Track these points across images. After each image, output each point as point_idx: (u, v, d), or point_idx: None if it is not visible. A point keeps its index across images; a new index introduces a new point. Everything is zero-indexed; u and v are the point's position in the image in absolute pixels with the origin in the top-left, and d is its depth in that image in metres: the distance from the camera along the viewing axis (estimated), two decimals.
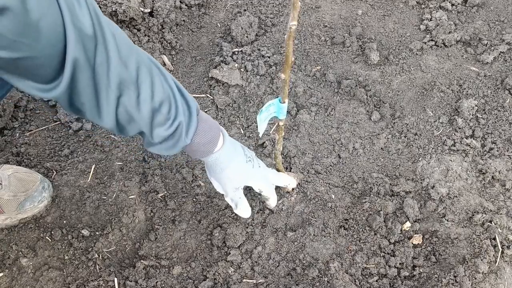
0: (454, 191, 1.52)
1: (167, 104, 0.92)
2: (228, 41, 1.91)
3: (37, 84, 0.75)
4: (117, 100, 0.84)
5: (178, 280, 1.36)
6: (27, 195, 1.37)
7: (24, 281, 1.33)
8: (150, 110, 0.89)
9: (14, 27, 0.61)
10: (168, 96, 0.92)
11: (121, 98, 0.84)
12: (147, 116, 0.89)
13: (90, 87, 0.79)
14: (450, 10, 2.00)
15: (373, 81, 1.80)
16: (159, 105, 0.90)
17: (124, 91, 0.84)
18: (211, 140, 1.06)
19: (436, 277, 1.36)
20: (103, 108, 0.84)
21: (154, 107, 0.89)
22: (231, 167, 1.13)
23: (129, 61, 0.84)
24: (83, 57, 0.75)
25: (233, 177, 1.16)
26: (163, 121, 0.92)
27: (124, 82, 0.83)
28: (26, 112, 1.66)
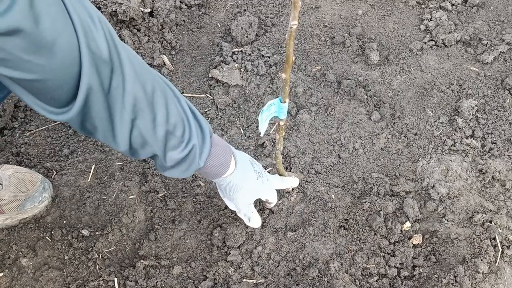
0: (454, 191, 1.52)
1: (181, 127, 0.91)
2: (228, 41, 1.91)
3: (49, 106, 0.75)
4: (132, 123, 0.83)
5: (178, 280, 1.37)
6: (27, 195, 1.37)
7: (24, 281, 1.33)
8: (165, 133, 0.88)
9: (27, 47, 0.60)
10: (182, 119, 0.91)
11: (136, 121, 0.83)
12: (161, 139, 0.89)
13: (104, 110, 0.78)
14: (450, 10, 2.00)
15: (373, 81, 1.80)
16: (173, 128, 0.90)
17: (139, 113, 0.83)
18: (223, 163, 1.07)
19: (436, 277, 1.36)
20: (117, 131, 0.83)
21: (168, 130, 0.89)
22: (245, 187, 1.16)
23: (144, 84, 0.83)
24: (98, 82, 0.74)
25: (247, 196, 1.20)
26: (177, 144, 0.92)
27: (139, 104, 0.82)
28: (26, 112, 1.66)
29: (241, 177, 1.14)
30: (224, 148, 1.07)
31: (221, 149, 1.05)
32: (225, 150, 1.07)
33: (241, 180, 1.14)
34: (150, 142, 0.88)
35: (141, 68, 0.83)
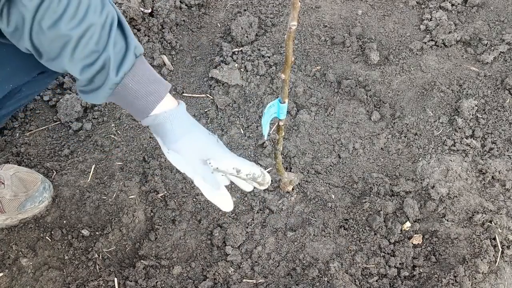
0: (454, 191, 1.52)
1: (98, 33, 0.77)
2: (228, 41, 1.91)
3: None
4: (36, 10, 0.72)
5: (178, 280, 1.37)
6: (28, 195, 1.37)
7: (24, 281, 1.33)
8: (73, 34, 0.75)
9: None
10: (102, 24, 0.78)
11: (40, 7, 0.72)
12: (68, 41, 0.76)
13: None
14: (450, 10, 2.00)
15: (373, 81, 1.80)
16: (85, 30, 0.76)
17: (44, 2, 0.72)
18: (153, 93, 0.87)
19: (436, 277, 1.36)
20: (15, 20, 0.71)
21: (79, 33, 0.76)
22: (193, 132, 0.92)
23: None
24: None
25: (196, 145, 0.92)
26: (88, 53, 0.78)
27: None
28: (26, 112, 1.66)
29: (185, 120, 0.92)
30: (159, 79, 0.89)
31: (154, 77, 0.88)
32: (160, 81, 0.89)
33: (185, 123, 0.92)
34: (53, 39, 0.75)
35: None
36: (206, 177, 0.94)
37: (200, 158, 0.93)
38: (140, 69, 0.85)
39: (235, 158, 0.97)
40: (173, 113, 0.90)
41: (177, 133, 0.90)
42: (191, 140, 0.92)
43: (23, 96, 1.13)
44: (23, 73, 1.03)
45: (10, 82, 1.02)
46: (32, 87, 1.13)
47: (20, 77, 1.03)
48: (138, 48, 0.86)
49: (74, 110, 1.65)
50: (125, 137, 1.63)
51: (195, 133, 0.93)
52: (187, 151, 0.92)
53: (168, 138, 0.91)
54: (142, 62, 0.86)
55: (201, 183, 0.95)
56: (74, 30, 0.76)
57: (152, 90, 0.87)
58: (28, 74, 1.05)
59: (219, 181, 0.96)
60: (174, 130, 0.90)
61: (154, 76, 0.88)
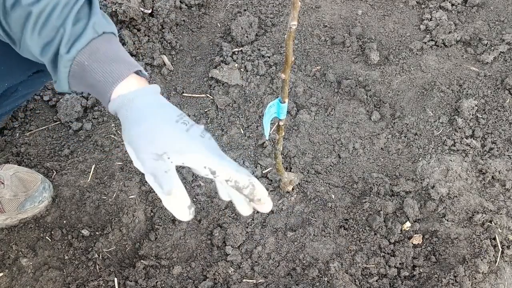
0: (454, 191, 1.52)
1: (59, 9, 0.72)
2: (228, 41, 1.91)
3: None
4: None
5: (178, 280, 1.37)
6: (27, 195, 1.37)
7: (24, 281, 1.33)
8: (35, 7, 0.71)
9: None
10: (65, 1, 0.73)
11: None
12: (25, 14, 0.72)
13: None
14: (450, 10, 2.00)
15: (373, 81, 1.80)
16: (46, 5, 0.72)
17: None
18: (112, 72, 0.74)
19: (436, 277, 1.36)
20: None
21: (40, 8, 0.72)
22: (150, 121, 0.73)
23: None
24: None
25: (151, 137, 0.72)
26: (49, 29, 0.73)
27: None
28: (26, 112, 1.66)
29: (147, 106, 0.75)
30: (123, 59, 0.77)
31: (117, 57, 0.76)
32: (124, 60, 0.77)
33: (146, 110, 0.74)
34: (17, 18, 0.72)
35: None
36: (156, 175, 0.71)
37: (154, 151, 0.72)
38: (100, 47, 0.75)
39: (210, 156, 0.73)
40: (131, 96, 0.74)
41: (131, 121, 0.73)
42: (146, 129, 0.72)
43: (20, 95, 1.12)
44: (19, 72, 1.03)
45: (6, 81, 1.02)
46: (28, 87, 1.12)
47: (15, 76, 1.03)
48: (100, 25, 0.75)
49: (74, 110, 1.65)
50: None
51: (155, 120, 0.73)
52: (138, 143, 0.73)
53: (123, 127, 0.75)
54: (107, 41, 0.76)
55: (151, 182, 0.72)
56: (34, 5, 0.72)
57: (112, 69, 0.74)
58: (23, 73, 1.04)
59: (173, 182, 0.71)
60: (129, 117, 0.74)
61: (118, 55, 0.77)
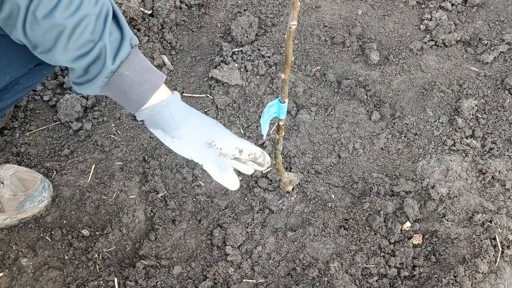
0: (454, 191, 1.52)
1: (93, 23, 0.78)
2: (228, 41, 1.91)
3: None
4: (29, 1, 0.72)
5: (178, 280, 1.37)
6: (27, 194, 1.37)
7: (24, 281, 1.33)
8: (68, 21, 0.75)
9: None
10: (97, 13, 0.79)
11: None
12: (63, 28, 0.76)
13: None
14: (450, 10, 2.00)
15: (373, 81, 1.80)
16: (81, 20, 0.76)
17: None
18: (149, 81, 0.86)
19: (436, 277, 1.36)
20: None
21: (74, 22, 0.76)
22: (193, 116, 0.92)
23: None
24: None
25: (199, 129, 0.92)
26: (84, 43, 0.78)
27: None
28: (26, 112, 1.66)
29: (182, 106, 0.92)
30: (154, 69, 0.89)
31: (149, 67, 0.88)
32: (155, 71, 0.89)
33: (183, 109, 0.91)
34: (47, 29, 0.75)
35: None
36: (214, 159, 0.93)
37: (205, 141, 0.92)
38: (135, 59, 0.85)
39: (236, 139, 0.97)
40: (170, 101, 0.89)
41: (177, 120, 0.89)
42: (193, 124, 0.91)
43: (21, 88, 1.13)
44: (20, 65, 1.03)
45: (7, 74, 1.02)
46: (30, 79, 1.12)
47: (17, 69, 1.03)
48: (134, 38, 0.86)
49: (74, 110, 1.65)
50: (125, 137, 1.63)
51: (195, 117, 0.92)
52: (191, 136, 0.91)
53: (170, 126, 0.90)
54: (137, 53, 0.87)
55: (210, 166, 0.94)
56: (68, 20, 0.76)
57: (148, 79, 0.86)
58: (24, 66, 1.05)
59: (227, 163, 0.96)
60: (174, 117, 0.89)
61: (149, 66, 0.88)
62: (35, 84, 1.19)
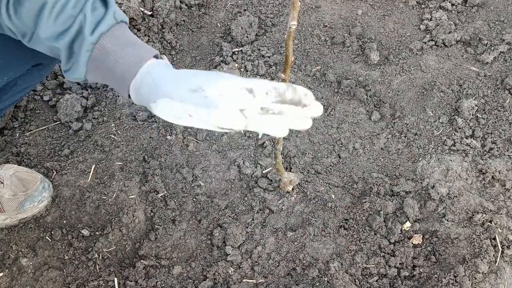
0: (454, 191, 1.52)
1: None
2: (228, 41, 1.91)
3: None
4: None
5: (178, 280, 1.37)
6: (27, 194, 1.37)
7: (24, 281, 1.33)
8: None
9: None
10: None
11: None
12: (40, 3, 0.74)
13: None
14: (450, 10, 2.00)
15: (373, 81, 1.80)
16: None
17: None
18: (135, 54, 0.77)
19: (436, 277, 1.36)
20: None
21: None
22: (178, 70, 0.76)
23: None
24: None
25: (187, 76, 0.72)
26: (66, 18, 0.75)
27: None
28: (26, 112, 1.66)
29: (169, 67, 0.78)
30: (142, 44, 0.79)
31: (135, 41, 0.79)
32: (144, 46, 0.79)
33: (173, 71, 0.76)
34: (30, 8, 0.74)
35: None
36: (198, 102, 0.68)
37: (188, 87, 0.69)
38: (119, 32, 0.78)
39: (242, 78, 0.69)
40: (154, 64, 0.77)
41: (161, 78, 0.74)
42: (179, 75, 0.73)
43: (19, 89, 1.12)
44: (17, 65, 1.03)
45: (5, 75, 1.02)
46: (28, 80, 1.12)
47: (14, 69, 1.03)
48: (119, 13, 0.79)
49: (74, 110, 1.65)
50: (125, 137, 1.63)
51: (182, 70, 0.75)
52: (175, 86, 0.71)
53: (154, 89, 0.73)
54: (123, 28, 0.80)
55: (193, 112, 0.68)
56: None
57: (134, 52, 0.77)
58: (22, 66, 1.04)
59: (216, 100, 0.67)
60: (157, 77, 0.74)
61: (136, 40, 0.80)
62: (33, 85, 1.18)
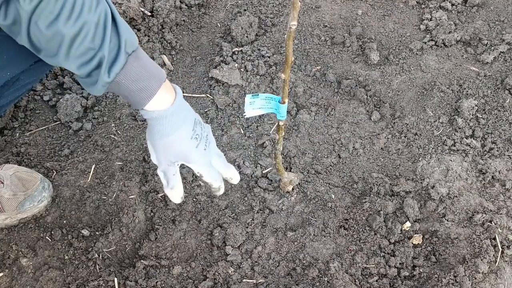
0: (454, 191, 1.52)
1: (92, 31, 0.80)
2: (228, 41, 1.91)
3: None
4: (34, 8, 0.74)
5: (178, 280, 1.37)
6: (27, 194, 1.37)
7: (24, 281, 1.33)
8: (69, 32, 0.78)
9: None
10: (96, 22, 0.80)
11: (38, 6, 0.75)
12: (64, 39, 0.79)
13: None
14: (450, 10, 2.00)
15: (373, 81, 1.80)
16: (80, 29, 0.79)
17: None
18: (145, 89, 0.90)
19: (436, 277, 1.36)
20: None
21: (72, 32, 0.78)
22: (173, 137, 0.97)
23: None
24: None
25: (171, 149, 0.99)
26: (85, 51, 0.81)
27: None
28: (26, 112, 1.66)
29: (173, 123, 0.96)
30: (151, 74, 0.90)
31: (146, 73, 0.90)
32: (152, 76, 0.91)
33: (172, 126, 0.96)
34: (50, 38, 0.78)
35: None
36: (167, 174, 1.03)
37: (170, 160, 1.00)
38: (132, 67, 0.87)
39: (202, 166, 1.05)
40: (161, 114, 0.95)
41: (159, 133, 0.96)
42: (168, 143, 0.98)
43: (22, 85, 1.13)
44: (20, 61, 1.03)
45: (8, 70, 1.02)
46: (30, 75, 1.12)
47: (17, 65, 1.04)
48: (130, 44, 0.87)
49: (74, 110, 1.65)
50: (125, 137, 1.63)
51: (175, 137, 0.97)
52: (160, 151, 1.00)
53: (151, 134, 0.99)
54: (135, 59, 0.88)
55: (160, 174, 1.04)
56: (70, 29, 0.78)
57: (144, 87, 0.90)
58: (25, 62, 1.05)
59: (176, 182, 1.03)
60: (158, 130, 0.96)
61: (146, 72, 0.90)
62: (35, 80, 1.19)
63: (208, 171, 1.07)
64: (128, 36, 0.87)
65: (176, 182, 1.03)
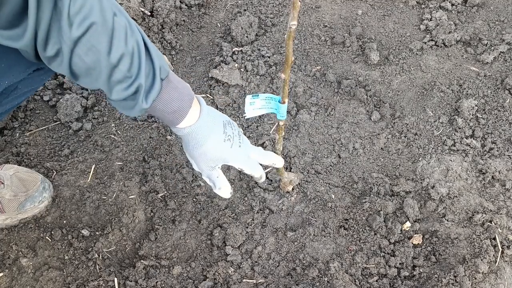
0: (454, 191, 1.52)
1: (128, 61, 0.84)
2: (228, 41, 1.91)
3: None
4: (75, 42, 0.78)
5: (178, 280, 1.37)
6: (27, 195, 1.37)
7: (24, 281, 1.33)
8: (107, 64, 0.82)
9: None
10: (131, 52, 0.84)
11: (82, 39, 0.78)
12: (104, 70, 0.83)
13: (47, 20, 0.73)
14: (450, 10, 2.00)
15: (373, 81, 1.80)
16: (119, 61, 0.83)
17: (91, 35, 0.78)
18: (178, 110, 0.97)
19: (436, 277, 1.36)
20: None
21: (111, 63, 0.83)
22: (206, 145, 1.04)
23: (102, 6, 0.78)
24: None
25: (208, 156, 1.06)
26: (122, 79, 0.85)
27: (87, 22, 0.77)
28: (26, 112, 1.66)
29: (204, 131, 1.03)
30: (182, 95, 0.97)
31: (178, 95, 0.96)
32: (183, 97, 0.97)
33: (204, 134, 1.03)
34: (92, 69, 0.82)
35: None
36: (211, 178, 1.13)
37: (210, 165, 1.08)
38: (165, 92, 0.93)
39: (241, 162, 1.12)
40: (191, 129, 1.02)
41: (194, 145, 1.04)
42: (204, 152, 1.05)
43: (20, 94, 1.12)
44: (19, 69, 1.03)
45: (6, 79, 1.02)
46: (28, 84, 1.12)
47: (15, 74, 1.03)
48: (163, 70, 0.92)
49: (74, 110, 1.65)
50: (125, 137, 1.63)
51: (209, 145, 1.04)
52: (199, 160, 1.08)
53: (186, 147, 1.06)
54: (168, 83, 0.94)
55: (205, 179, 1.14)
56: (110, 61, 0.82)
57: (177, 109, 0.96)
58: (23, 71, 1.04)
59: (221, 183, 1.13)
60: (192, 143, 1.04)
61: (177, 93, 0.96)
62: (34, 89, 1.18)
63: (248, 165, 1.14)
64: (161, 62, 0.91)
65: (222, 183, 1.13)
